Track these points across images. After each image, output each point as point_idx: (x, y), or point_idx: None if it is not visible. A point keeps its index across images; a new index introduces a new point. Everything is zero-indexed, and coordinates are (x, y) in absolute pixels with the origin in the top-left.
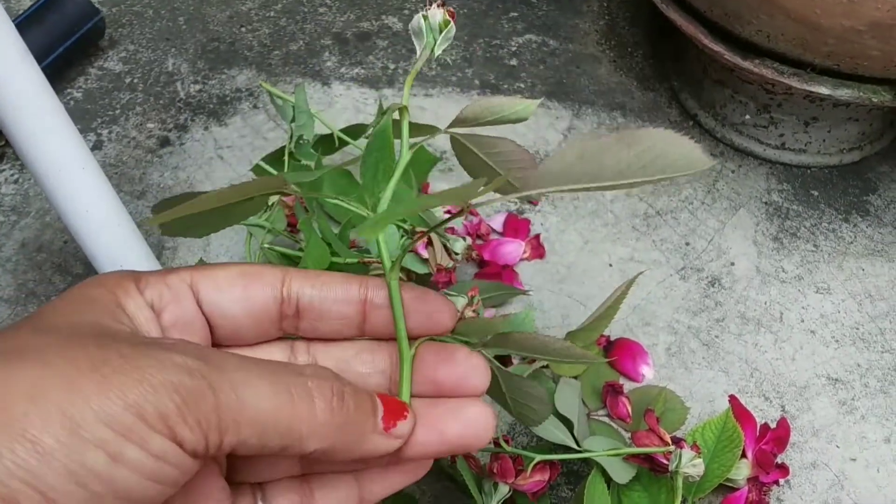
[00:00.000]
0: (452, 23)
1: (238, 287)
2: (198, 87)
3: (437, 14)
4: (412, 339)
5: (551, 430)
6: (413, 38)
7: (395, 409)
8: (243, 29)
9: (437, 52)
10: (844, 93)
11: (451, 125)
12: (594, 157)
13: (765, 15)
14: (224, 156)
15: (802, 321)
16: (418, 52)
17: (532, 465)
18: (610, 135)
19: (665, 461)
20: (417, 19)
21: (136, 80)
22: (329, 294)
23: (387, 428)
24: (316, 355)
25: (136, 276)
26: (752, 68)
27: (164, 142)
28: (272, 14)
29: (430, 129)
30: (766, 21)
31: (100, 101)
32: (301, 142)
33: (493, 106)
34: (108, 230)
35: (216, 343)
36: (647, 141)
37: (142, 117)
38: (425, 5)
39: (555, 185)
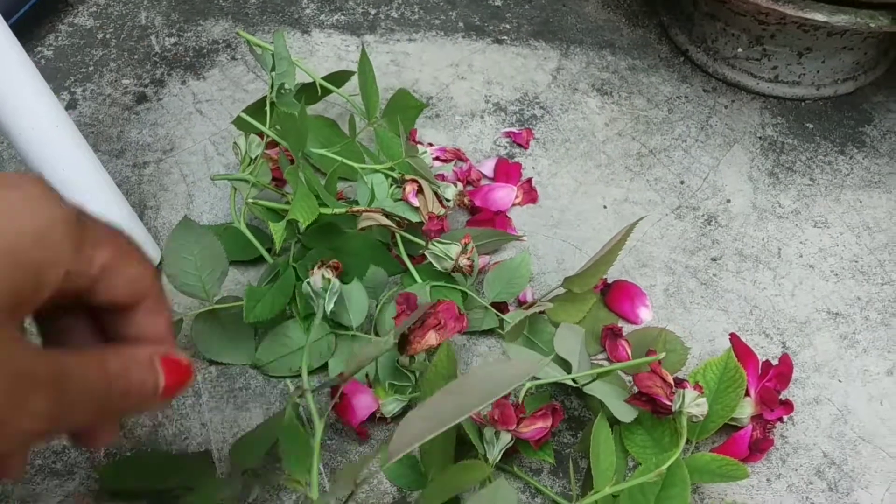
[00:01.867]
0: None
1: None
2: (173, 40)
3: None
4: None
5: (550, 373)
6: None
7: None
8: None
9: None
10: (841, 19)
11: None
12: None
13: None
14: (203, 110)
15: (801, 256)
16: None
17: (532, 411)
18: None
19: (668, 403)
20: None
21: (108, 36)
22: None
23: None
24: None
25: None
26: None
27: (141, 98)
28: None
29: None
30: None
31: (72, 59)
32: (283, 91)
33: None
34: (86, 191)
35: None
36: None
37: (116, 74)
38: None
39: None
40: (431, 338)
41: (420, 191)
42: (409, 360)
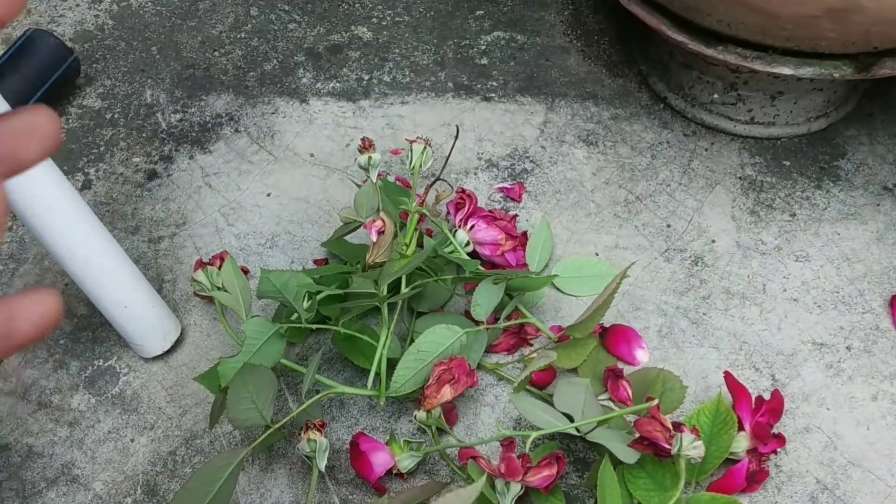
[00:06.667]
0: None
1: None
2: (178, 116)
3: None
4: None
5: (554, 423)
6: None
7: None
8: (216, 53)
9: None
10: (807, 71)
11: None
12: None
13: (723, 6)
14: (212, 183)
15: (785, 290)
16: None
17: (538, 460)
18: None
19: (668, 446)
20: None
21: (116, 115)
22: None
23: None
24: None
25: None
26: (716, 55)
27: (152, 175)
28: (243, 35)
29: None
30: (725, 12)
31: (83, 140)
32: None
33: None
34: (104, 270)
35: None
36: None
37: (126, 152)
38: (392, 12)
39: None
40: (447, 392)
41: (382, 231)
42: (426, 416)
